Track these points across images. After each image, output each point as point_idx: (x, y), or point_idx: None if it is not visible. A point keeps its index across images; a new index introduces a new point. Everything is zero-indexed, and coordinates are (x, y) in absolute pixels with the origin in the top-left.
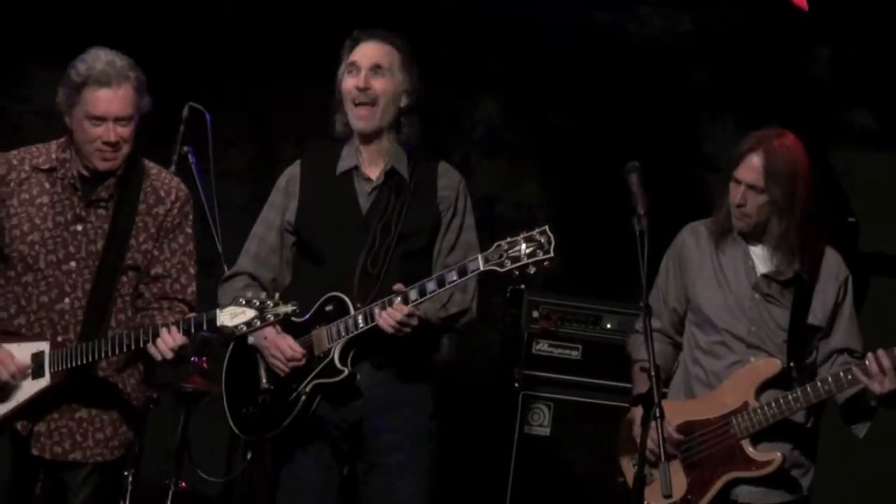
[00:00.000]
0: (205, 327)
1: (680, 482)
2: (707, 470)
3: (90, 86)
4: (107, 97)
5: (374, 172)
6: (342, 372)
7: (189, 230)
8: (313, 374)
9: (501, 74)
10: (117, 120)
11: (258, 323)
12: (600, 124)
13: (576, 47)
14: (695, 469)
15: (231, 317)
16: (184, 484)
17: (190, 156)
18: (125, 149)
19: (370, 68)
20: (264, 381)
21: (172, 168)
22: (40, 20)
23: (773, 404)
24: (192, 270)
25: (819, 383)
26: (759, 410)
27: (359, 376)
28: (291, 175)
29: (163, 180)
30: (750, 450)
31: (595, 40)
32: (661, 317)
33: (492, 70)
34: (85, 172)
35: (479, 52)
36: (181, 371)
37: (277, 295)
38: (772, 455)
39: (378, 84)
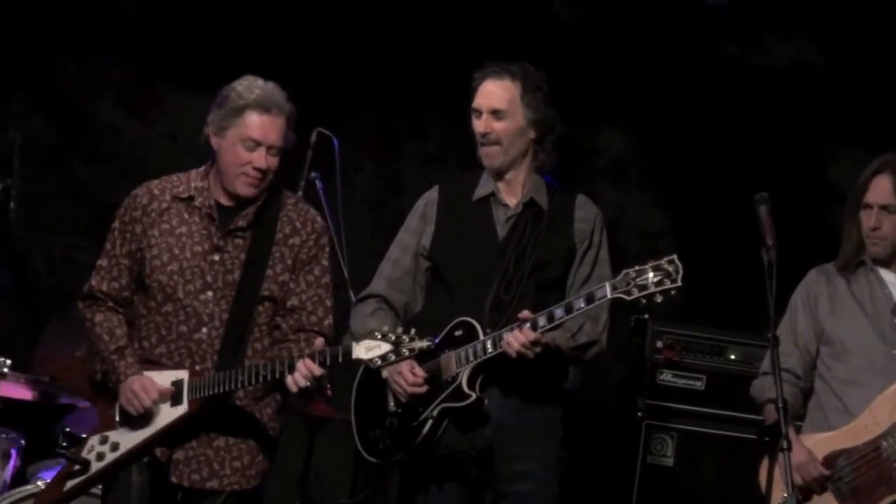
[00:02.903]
0: (340, 360)
1: None
2: (864, 497)
3: (252, 109)
4: (266, 123)
5: (511, 200)
6: (469, 397)
7: (325, 262)
8: (440, 398)
9: (627, 104)
10: (270, 148)
11: (393, 357)
12: (726, 154)
13: (702, 76)
14: (849, 498)
15: (366, 350)
16: None
17: (317, 182)
18: (269, 179)
19: (489, 113)
20: (392, 404)
21: (300, 193)
22: (172, 45)
23: None
24: (328, 303)
25: None
26: None
27: (486, 402)
28: (429, 199)
29: (300, 211)
30: None
31: (722, 70)
32: (790, 356)
33: (618, 99)
34: (224, 201)
35: (604, 81)
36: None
37: (413, 330)
38: None
39: (499, 127)
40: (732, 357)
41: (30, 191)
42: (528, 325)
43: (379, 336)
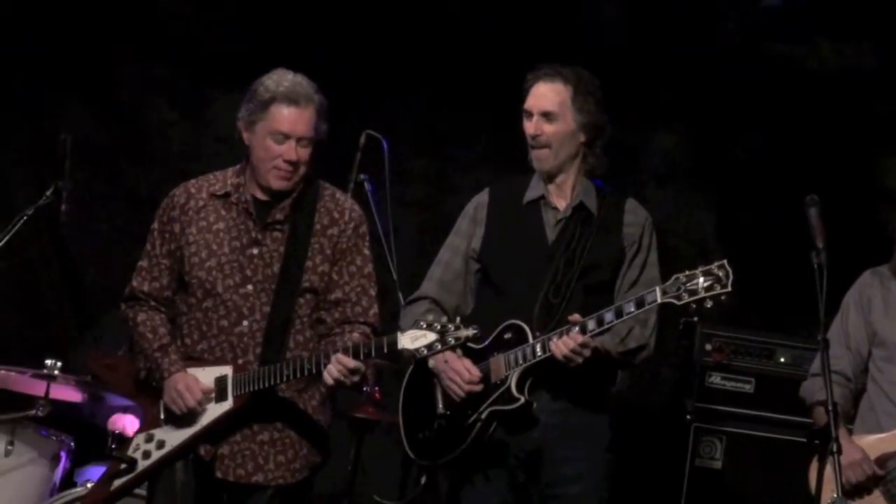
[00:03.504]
0: (385, 350)
1: None
2: None
3: (279, 102)
4: (294, 115)
5: (561, 203)
6: (518, 400)
7: (366, 251)
8: (490, 400)
9: (678, 106)
10: (300, 140)
11: (439, 346)
12: (776, 156)
13: (753, 79)
14: None
15: (412, 340)
16: None
17: (366, 184)
18: (302, 170)
19: (541, 114)
20: (441, 405)
21: (349, 195)
22: (221, 45)
23: None
24: (372, 292)
25: None
26: None
27: (535, 405)
28: (479, 202)
29: (336, 201)
30: None
31: (774, 72)
32: (841, 359)
33: (668, 101)
34: (259, 196)
35: (654, 83)
36: (355, 401)
37: (458, 318)
38: None
39: (549, 129)
40: (782, 360)
41: (81, 193)
42: (577, 328)
43: (424, 325)
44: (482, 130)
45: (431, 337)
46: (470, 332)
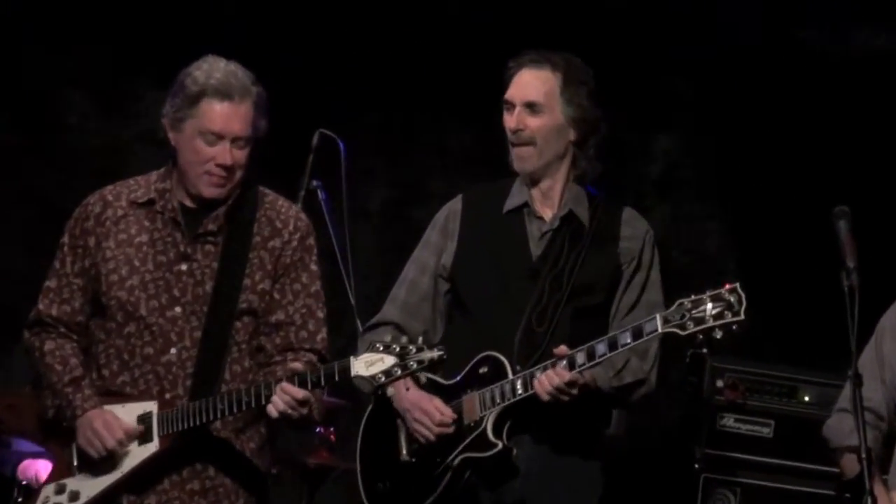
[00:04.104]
0: (337, 378)
1: None
2: None
3: (209, 97)
4: (227, 112)
5: (547, 213)
6: (496, 446)
7: (314, 267)
8: (462, 446)
9: (682, 101)
10: (235, 140)
11: (399, 371)
12: (799, 160)
13: (772, 69)
14: None
15: (367, 365)
16: None
17: (319, 192)
18: (238, 175)
19: (524, 105)
20: (405, 452)
21: (299, 204)
22: (151, 33)
23: None
24: (319, 315)
25: None
26: None
27: (515, 451)
28: (451, 211)
29: (279, 209)
30: None
31: (795, 61)
32: (873, 393)
33: (671, 96)
34: (188, 203)
35: (655, 74)
36: (306, 444)
37: (421, 339)
38: None
39: (534, 123)
40: (806, 399)
41: None
42: (564, 362)
43: (381, 347)
44: (454, 129)
45: (390, 361)
46: (435, 353)
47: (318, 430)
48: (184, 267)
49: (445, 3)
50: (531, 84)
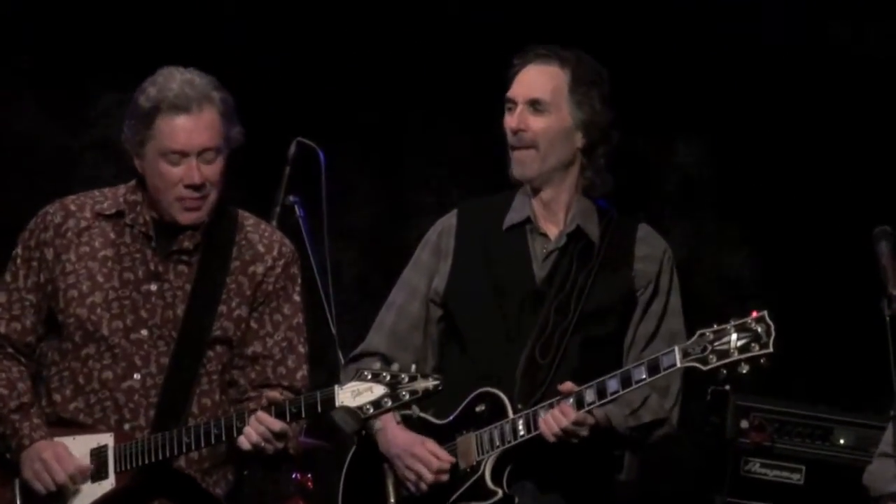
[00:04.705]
0: (319, 409)
1: None
2: None
3: (165, 112)
4: (187, 125)
5: (552, 229)
6: (495, 494)
7: (297, 298)
8: (457, 494)
9: (704, 110)
10: (202, 154)
11: (389, 403)
12: (833, 174)
13: (801, 73)
14: None
15: (353, 395)
16: None
17: (297, 208)
18: (213, 194)
19: (527, 103)
20: (392, 501)
21: (274, 223)
22: (107, 33)
23: None
24: (301, 350)
25: None
26: None
27: (517, 500)
28: (445, 228)
29: (262, 232)
30: None
31: (826, 66)
32: None
33: (692, 105)
34: (163, 217)
35: (675, 78)
36: (279, 491)
37: (414, 366)
38: None
39: (537, 123)
40: (841, 442)
41: None
42: (570, 400)
43: (369, 376)
44: (448, 135)
45: (379, 391)
46: (430, 382)
47: (293, 475)
48: (153, 287)
49: (445, 3)
50: (537, 80)
